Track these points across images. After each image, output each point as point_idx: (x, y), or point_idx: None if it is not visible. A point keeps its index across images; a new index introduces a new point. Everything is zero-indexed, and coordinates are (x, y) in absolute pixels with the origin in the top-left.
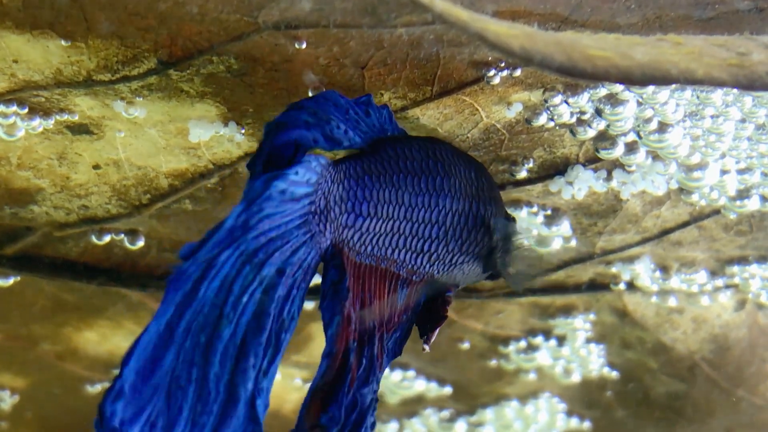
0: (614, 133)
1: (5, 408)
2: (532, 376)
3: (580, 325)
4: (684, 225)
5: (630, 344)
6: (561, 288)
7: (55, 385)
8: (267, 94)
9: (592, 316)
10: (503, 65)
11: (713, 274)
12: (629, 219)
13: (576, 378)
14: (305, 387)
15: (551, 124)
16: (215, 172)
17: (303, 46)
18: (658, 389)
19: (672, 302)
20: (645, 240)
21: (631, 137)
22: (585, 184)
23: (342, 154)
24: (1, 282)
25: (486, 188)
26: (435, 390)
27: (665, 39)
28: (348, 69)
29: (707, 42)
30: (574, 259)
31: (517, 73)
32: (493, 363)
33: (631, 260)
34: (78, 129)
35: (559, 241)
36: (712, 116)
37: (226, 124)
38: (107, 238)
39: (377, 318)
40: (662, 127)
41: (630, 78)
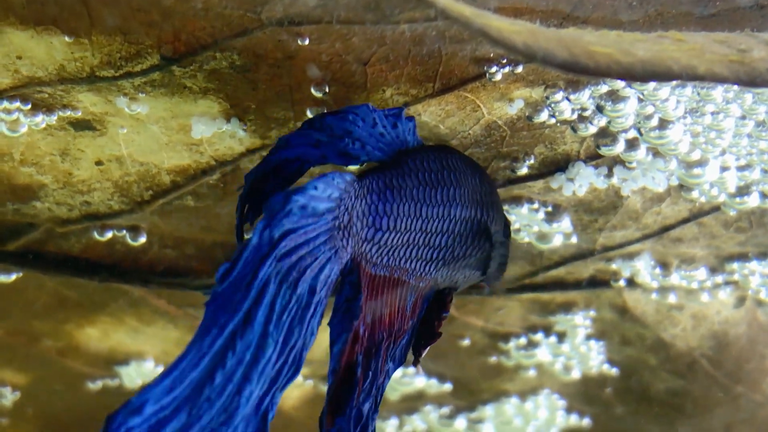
0: (615, 130)
1: (6, 404)
2: (532, 373)
3: (580, 322)
4: (684, 222)
5: (630, 341)
6: (561, 284)
7: (57, 382)
8: (270, 91)
9: (592, 313)
10: (505, 62)
11: (713, 271)
12: (630, 215)
13: (576, 375)
14: (305, 384)
15: (552, 121)
16: (217, 169)
17: (306, 43)
18: (658, 386)
19: (672, 299)
20: (645, 236)
21: (632, 134)
22: (586, 181)
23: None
24: (4, 278)
25: (488, 193)
26: (435, 386)
27: (667, 36)
28: (351, 65)
29: (708, 39)
30: (575, 256)
31: (519, 70)
32: (493, 359)
33: (632, 257)
34: (81, 125)
35: (560, 238)
36: (713, 113)
37: (229, 121)
38: (109, 235)
39: (387, 329)
40: (663, 124)
41: (632, 74)
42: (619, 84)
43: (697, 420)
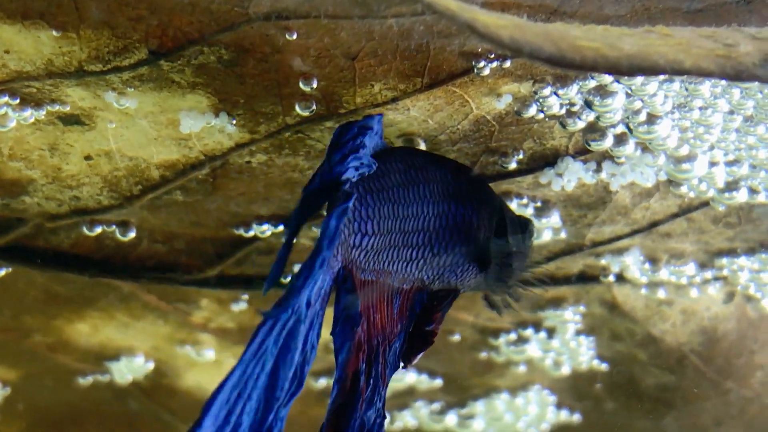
0: (603, 125)
1: None
2: (522, 369)
3: (570, 317)
4: (673, 217)
5: (619, 336)
6: (551, 280)
7: (47, 377)
8: (258, 85)
9: (582, 308)
10: (493, 56)
11: (702, 266)
12: (619, 211)
13: (566, 370)
14: None
15: (541, 116)
16: (206, 163)
17: (294, 37)
18: (648, 381)
19: (661, 294)
20: (634, 232)
21: (621, 129)
22: (574, 176)
23: None
24: None
25: (466, 187)
26: (426, 382)
27: (653, 30)
28: (339, 60)
29: (695, 33)
30: (564, 251)
31: (507, 65)
32: (484, 355)
33: (621, 252)
34: (69, 120)
35: (549, 233)
36: (701, 108)
37: (217, 115)
38: (99, 230)
39: (380, 333)
40: (651, 119)
41: (618, 68)
42: (607, 79)
43: (687, 415)
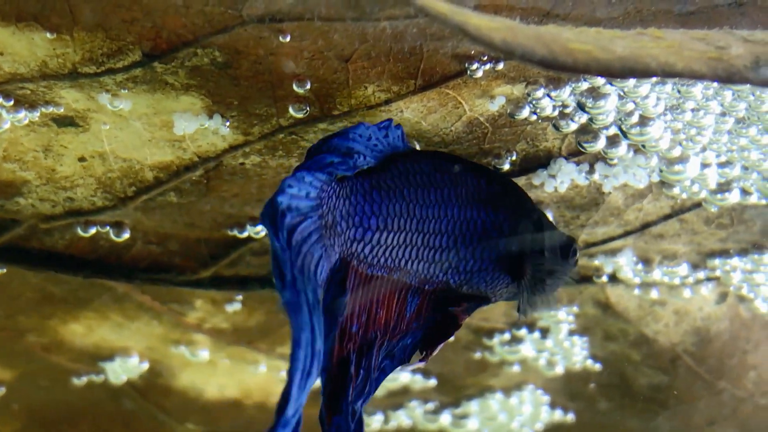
0: (596, 127)
1: None
2: (516, 369)
3: (563, 318)
4: (666, 218)
5: (612, 336)
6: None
7: (42, 377)
8: (252, 87)
9: (575, 309)
10: (486, 59)
11: (695, 267)
12: (611, 212)
13: (559, 370)
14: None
15: (534, 118)
16: (200, 165)
17: (287, 39)
18: (641, 381)
19: (654, 295)
20: (627, 233)
21: (613, 130)
22: (567, 177)
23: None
24: None
25: (500, 197)
26: (420, 382)
27: (645, 33)
28: (332, 62)
29: (687, 36)
30: None
31: (500, 67)
32: (478, 355)
33: (614, 253)
34: (63, 121)
35: None
36: (693, 110)
37: (211, 117)
38: (93, 231)
39: (381, 328)
40: (643, 121)
41: (610, 71)
42: (600, 81)
43: (680, 415)
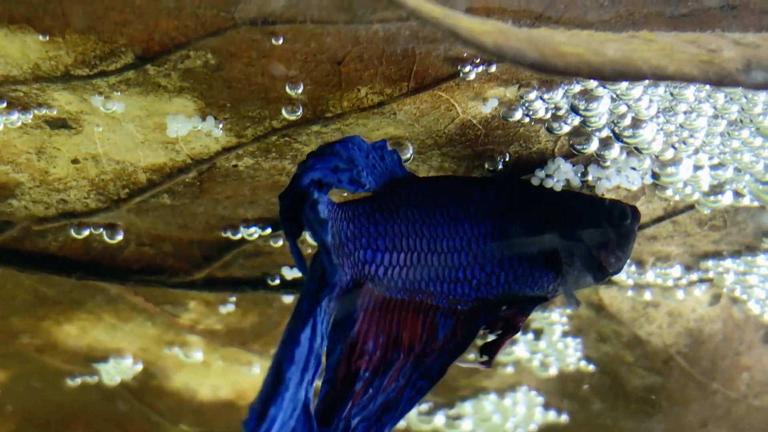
0: (589, 129)
1: None
2: (510, 370)
3: (557, 319)
4: (659, 220)
5: (606, 338)
6: None
7: (36, 379)
8: (244, 89)
9: (569, 310)
10: (478, 61)
11: (688, 269)
12: None
13: (553, 371)
14: None
15: (527, 120)
16: (193, 167)
17: (280, 42)
18: (634, 382)
19: (647, 296)
20: None
21: (606, 133)
22: (562, 177)
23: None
24: None
25: (513, 202)
26: None
27: (637, 36)
28: (325, 65)
29: (678, 39)
30: None
31: (493, 69)
32: (472, 357)
33: None
34: (56, 123)
35: None
36: (686, 112)
37: (204, 119)
38: (86, 232)
39: (404, 350)
40: (636, 123)
41: (601, 74)
42: (593, 83)
43: (673, 416)
